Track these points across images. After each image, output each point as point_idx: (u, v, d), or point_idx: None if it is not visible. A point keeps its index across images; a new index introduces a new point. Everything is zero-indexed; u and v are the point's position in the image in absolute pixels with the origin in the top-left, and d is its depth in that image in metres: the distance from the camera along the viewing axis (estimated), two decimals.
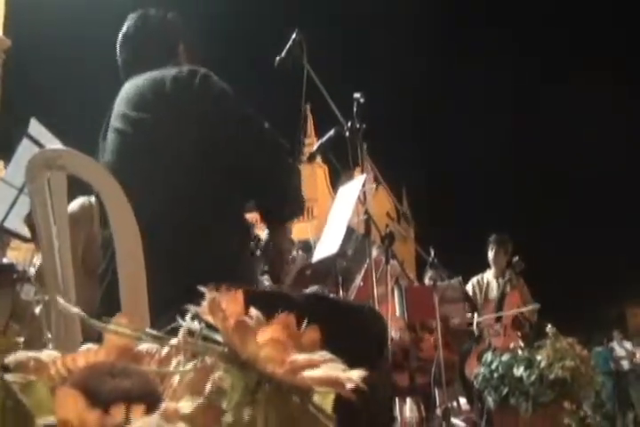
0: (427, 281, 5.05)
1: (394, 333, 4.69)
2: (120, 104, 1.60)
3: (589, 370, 2.75)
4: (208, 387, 0.37)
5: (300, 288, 3.76)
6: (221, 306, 0.40)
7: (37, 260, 2.78)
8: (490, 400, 2.77)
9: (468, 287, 5.04)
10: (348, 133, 2.56)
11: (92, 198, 2.14)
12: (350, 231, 2.41)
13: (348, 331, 1.50)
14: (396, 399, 5.31)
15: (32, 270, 2.82)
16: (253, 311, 0.46)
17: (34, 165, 1.12)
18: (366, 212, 2.57)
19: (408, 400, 5.88)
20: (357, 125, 2.54)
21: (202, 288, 0.42)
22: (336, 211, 2.48)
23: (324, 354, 0.45)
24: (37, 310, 2.67)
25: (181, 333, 0.41)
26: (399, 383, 4.56)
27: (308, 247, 4.13)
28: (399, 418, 5.35)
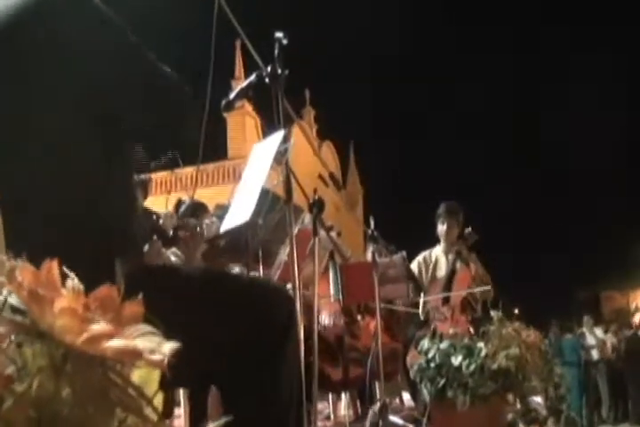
0: (369, 257, 5.13)
1: (326, 318, 4.80)
2: None
3: (538, 359, 2.93)
4: None
5: (210, 261, 3.81)
6: (17, 275, 0.47)
7: None
8: (425, 393, 2.93)
9: (413, 265, 5.12)
10: (267, 80, 2.59)
11: None
12: (265, 195, 2.46)
13: (247, 311, 1.58)
14: (329, 395, 5.49)
15: None
16: (70, 282, 0.53)
17: None
18: (288, 172, 2.61)
19: (343, 396, 6.06)
20: (278, 71, 2.56)
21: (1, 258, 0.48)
22: (250, 172, 2.53)
23: (141, 327, 0.52)
24: None
25: None
26: (331, 377, 4.67)
27: (224, 214, 4.15)
28: (332, 416, 5.53)
